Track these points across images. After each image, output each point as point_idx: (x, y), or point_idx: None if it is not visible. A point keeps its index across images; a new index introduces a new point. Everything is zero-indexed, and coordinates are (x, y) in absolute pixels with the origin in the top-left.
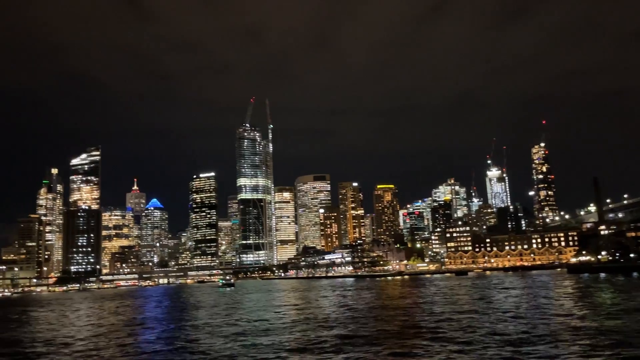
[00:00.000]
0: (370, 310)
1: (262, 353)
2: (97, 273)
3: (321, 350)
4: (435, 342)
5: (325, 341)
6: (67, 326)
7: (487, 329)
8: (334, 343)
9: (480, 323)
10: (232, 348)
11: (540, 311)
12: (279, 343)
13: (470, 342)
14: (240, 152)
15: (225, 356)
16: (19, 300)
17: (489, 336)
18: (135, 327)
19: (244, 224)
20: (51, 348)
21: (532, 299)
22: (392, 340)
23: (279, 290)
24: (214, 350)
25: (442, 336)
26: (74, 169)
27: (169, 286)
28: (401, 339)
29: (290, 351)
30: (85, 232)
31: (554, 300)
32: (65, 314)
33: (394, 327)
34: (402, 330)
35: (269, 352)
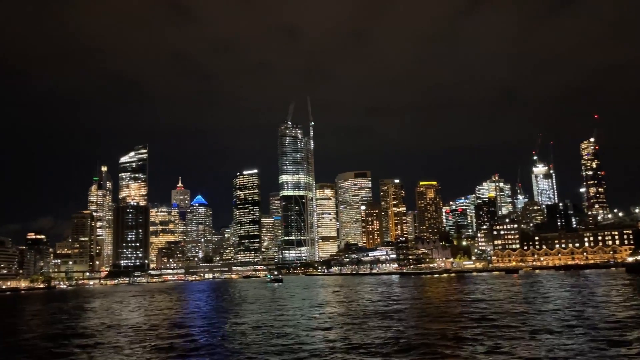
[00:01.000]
0: (439, 306)
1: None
2: (145, 267)
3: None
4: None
5: (383, 338)
6: (132, 316)
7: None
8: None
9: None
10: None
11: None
12: (342, 339)
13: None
14: (282, 150)
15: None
16: (75, 292)
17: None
18: (200, 318)
19: (285, 220)
20: (113, 336)
21: (603, 299)
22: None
23: (327, 285)
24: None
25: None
26: (122, 167)
27: (214, 281)
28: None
29: (347, 349)
30: (134, 228)
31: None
32: (124, 305)
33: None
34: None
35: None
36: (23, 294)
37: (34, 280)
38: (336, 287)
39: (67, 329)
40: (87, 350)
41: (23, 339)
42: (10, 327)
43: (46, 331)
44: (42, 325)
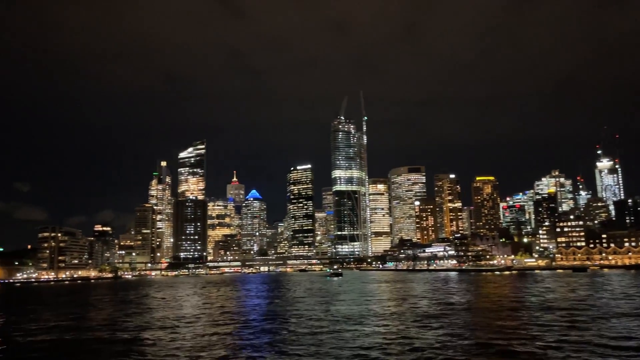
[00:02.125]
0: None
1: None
2: (203, 259)
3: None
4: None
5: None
6: (197, 307)
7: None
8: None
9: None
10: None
11: None
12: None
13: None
14: (335, 145)
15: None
16: (142, 282)
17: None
18: (273, 310)
19: (338, 215)
20: (181, 327)
21: None
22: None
23: (389, 281)
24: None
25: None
26: (181, 162)
27: (269, 274)
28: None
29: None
30: (192, 221)
31: None
32: (195, 295)
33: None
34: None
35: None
36: (93, 282)
37: (102, 270)
38: (401, 283)
39: (164, 318)
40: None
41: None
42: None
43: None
44: (135, 315)
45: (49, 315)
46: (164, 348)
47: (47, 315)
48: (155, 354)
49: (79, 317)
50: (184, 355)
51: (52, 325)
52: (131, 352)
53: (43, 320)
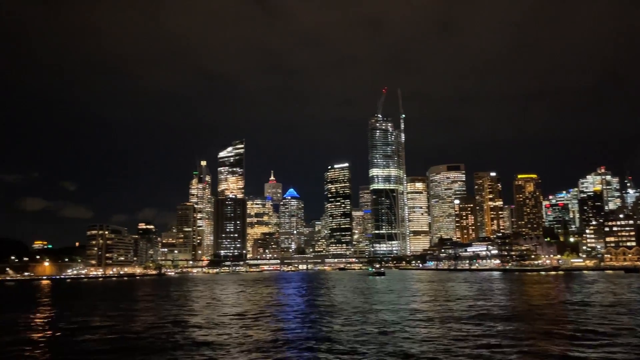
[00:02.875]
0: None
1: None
2: (243, 257)
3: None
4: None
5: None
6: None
7: None
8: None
9: None
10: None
11: None
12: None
13: None
14: (372, 143)
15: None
16: (183, 279)
17: None
18: (329, 310)
19: (376, 214)
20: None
21: None
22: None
23: (434, 280)
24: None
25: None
26: (221, 161)
27: (308, 272)
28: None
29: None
30: (232, 219)
31: None
32: (240, 292)
33: None
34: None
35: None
36: (138, 279)
37: (147, 267)
38: (448, 282)
39: (224, 315)
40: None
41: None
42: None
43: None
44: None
45: (109, 309)
46: (233, 344)
47: (107, 310)
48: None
49: (146, 311)
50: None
51: (111, 320)
52: (206, 350)
53: (103, 315)
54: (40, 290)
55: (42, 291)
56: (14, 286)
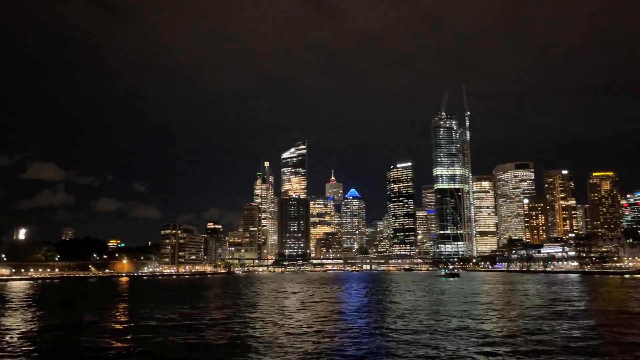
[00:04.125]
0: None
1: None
2: (307, 257)
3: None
4: None
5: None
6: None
7: None
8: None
9: None
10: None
11: None
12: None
13: None
14: (436, 141)
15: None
16: (252, 277)
17: None
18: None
19: (440, 214)
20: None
21: None
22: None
23: (511, 282)
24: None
25: None
26: (284, 162)
27: (372, 272)
28: None
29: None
30: (296, 219)
31: None
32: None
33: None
34: None
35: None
36: (209, 277)
37: (216, 266)
38: (528, 285)
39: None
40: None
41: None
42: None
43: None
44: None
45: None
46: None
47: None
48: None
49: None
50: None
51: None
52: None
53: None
54: (119, 285)
55: (129, 287)
56: (96, 282)
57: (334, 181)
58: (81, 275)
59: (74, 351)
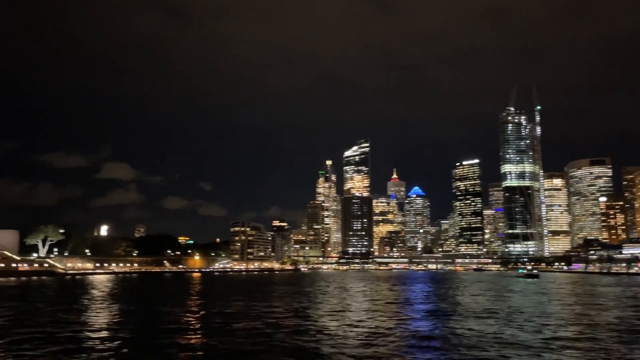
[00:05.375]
0: None
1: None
2: (371, 255)
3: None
4: None
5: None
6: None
7: None
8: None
9: None
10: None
11: None
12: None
13: None
14: (504, 138)
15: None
16: (318, 275)
17: None
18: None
19: (509, 212)
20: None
21: None
22: None
23: (604, 284)
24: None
25: None
26: (346, 160)
27: (438, 272)
28: None
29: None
30: (359, 218)
31: None
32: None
33: None
34: None
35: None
36: (277, 273)
37: (283, 263)
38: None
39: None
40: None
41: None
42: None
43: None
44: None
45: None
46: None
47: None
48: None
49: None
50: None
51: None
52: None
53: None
54: (195, 280)
55: (204, 281)
56: (171, 277)
57: (396, 179)
58: (157, 270)
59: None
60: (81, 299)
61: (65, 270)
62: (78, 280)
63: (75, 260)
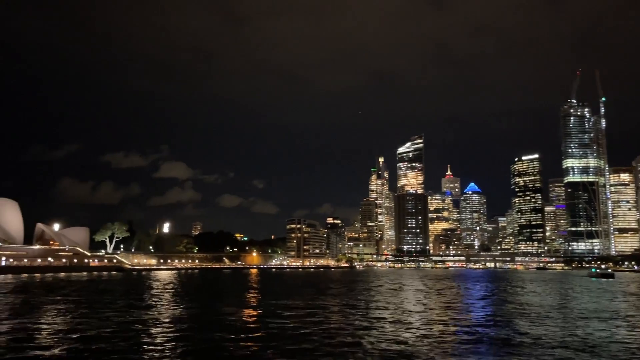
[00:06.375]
0: None
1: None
2: (426, 253)
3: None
4: None
5: None
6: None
7: None
8: None
9: None
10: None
11: None
12: None
13: None
14: (565, 131)
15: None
16: (376, 272)
17: None
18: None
19: (571, 209)
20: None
21: None
22: None
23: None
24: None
25: None
26: (399, 157)
27: (497, 270)
28: None
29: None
30: (413, 215)
31: None
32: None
33: None
34: None
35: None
36: (333, 270)
37: (339, 260)
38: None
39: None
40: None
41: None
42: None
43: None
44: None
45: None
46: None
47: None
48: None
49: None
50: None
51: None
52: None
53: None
54: (255, 276)
55: (262, 278)
56: (230, 273)
57: (450, 176)
58: (217, 266)
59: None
60: (167, 294)
61: (132, 265)
62: (145, 276)
63: (140, 257)
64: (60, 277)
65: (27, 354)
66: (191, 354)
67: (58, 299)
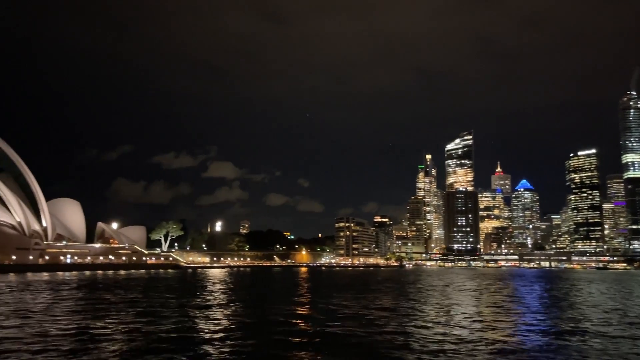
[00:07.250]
0: None
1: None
2: (477, 252)
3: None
4: None
5: None
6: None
7: None
8: None
9: None
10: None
11: None
12: None
13: None
14: (625, 125)
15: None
16: (424, 271)
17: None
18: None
19: (632, 206)
20: None
21: None
22: None
23: None
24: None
25: None
26: (448, 154)
27: (552, 270)
28: None
29: None
30: (463, 213)
31: None
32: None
33: None
34: None
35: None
36: (382, 269)
37: (388, 258)
38: None
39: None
40: None
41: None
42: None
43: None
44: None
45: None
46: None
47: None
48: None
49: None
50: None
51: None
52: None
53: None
54: (305, 274)
55: (312, 276)
56: (281, 271)
57: (500, 172)
58: (267, 264)
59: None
60: (227, 292)
61: (187, 263)
62: (200, 273)
63: (194, 254)
64: (121, 274)
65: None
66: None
67: (140, 297)
